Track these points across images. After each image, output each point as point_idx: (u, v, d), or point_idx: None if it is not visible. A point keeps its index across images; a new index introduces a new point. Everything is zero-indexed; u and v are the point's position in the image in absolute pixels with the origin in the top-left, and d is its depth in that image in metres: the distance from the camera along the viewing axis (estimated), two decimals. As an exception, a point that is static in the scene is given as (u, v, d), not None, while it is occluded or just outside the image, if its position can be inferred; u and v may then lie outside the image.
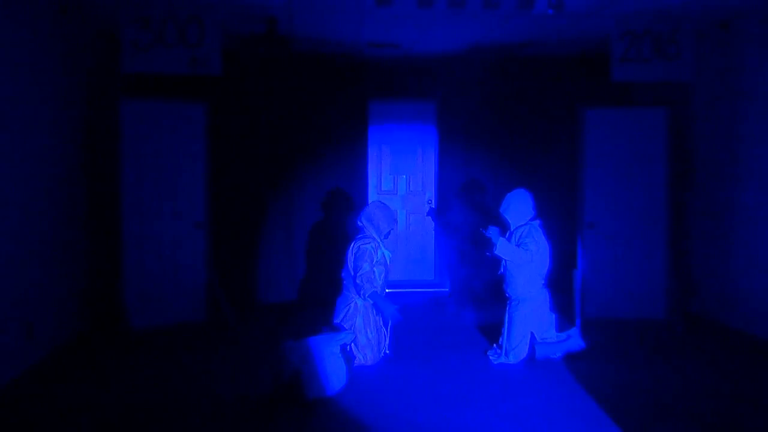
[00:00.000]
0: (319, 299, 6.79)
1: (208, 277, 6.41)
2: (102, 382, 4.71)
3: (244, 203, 7.40)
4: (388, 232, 5.27)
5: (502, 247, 5.21)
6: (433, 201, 8.06)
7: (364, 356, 5.08)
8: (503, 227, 5.46)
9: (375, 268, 5.09)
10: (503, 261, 5.35)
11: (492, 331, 6.12)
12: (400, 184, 8.16)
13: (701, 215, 6.59)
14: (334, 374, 4.39)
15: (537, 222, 5.34)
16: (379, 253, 5.17)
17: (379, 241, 5.21)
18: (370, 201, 5.31)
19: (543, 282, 5.34)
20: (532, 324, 5.24)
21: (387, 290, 5.38)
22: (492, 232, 5.22)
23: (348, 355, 4.68)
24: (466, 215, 7.65)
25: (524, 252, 5.17)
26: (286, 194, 7.50)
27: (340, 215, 7.55)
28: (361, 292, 5.05)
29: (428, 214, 7.53)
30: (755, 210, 5.79)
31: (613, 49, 5.94)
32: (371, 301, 5.11)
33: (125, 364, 5.16)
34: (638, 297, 6.50)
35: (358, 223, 5.31)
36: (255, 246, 7.48)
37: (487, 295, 6.97)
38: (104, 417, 4.06)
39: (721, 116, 6.25)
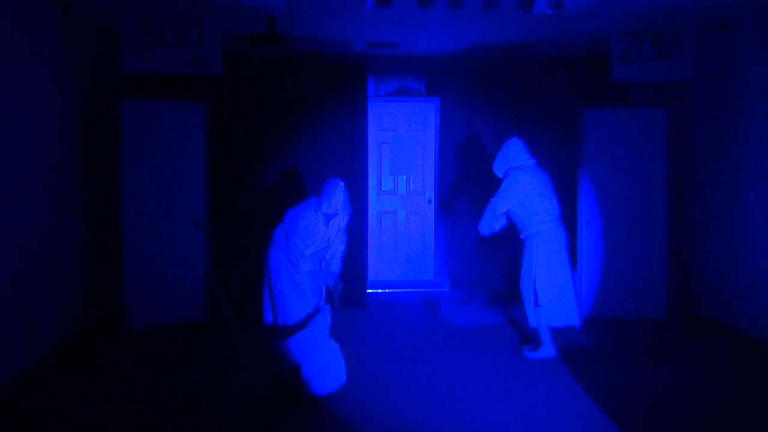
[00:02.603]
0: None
1: (208, 277, 6.41)
2: (102, 382, 4.71)
3: (244, 203, 7.39)
4: (335, 215, 5.02)
5: (481, 225, 5.41)
6: (433, 201, 8.06)
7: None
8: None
9: (309, 244, 4.91)
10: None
11: (492, 331, 6.13)
12: (400, 184, 8.15)
13: (701, 215, 6.59)
14: (333, 371, 4.38)
15: (531, 162, 5.40)
16: (319, 228, 4.96)
17: (322, 216, 4.97)
18: (333, 180, 5.20)
19: (551, 217, 5.21)
20: (540, 263, 5.09)
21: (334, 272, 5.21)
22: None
23: (338, 295, 4.88)
24: (465, 215, 7.66)
25: (490, 207, 5.30)
26: (286, 194, 7.49)
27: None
28: (297, 268, 4.89)
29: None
30: (755, 209, 5.79)
31: (613, 49, 5.94)
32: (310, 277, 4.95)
33: (125, 364, 5.16)
34: (638, 297, 6.49)
35: (320, 194, 5.10)
36: (255, 246, 7.46)
37: (487, 295, 6.98)
38: (104, 417, 4.07)
39: (721, 116, 6.25)
